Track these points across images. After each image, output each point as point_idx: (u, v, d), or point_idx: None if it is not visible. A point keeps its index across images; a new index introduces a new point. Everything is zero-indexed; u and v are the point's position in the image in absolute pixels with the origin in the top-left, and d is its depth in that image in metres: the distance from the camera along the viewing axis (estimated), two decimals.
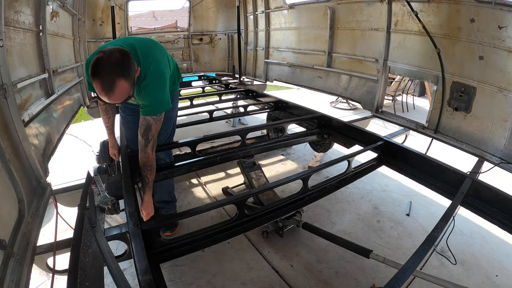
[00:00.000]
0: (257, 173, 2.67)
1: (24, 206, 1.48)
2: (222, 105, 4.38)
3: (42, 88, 2.35)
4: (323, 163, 3.47)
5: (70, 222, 1.64)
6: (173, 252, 1.41)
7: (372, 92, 3.49)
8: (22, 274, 1.21)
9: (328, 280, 2.02)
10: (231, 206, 1.98)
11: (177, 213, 2.49)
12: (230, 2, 5.68)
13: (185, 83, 5.41)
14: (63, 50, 3.17)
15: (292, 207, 1.79)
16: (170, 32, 6.00)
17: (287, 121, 2.81)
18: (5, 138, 1.51)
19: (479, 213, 1.68)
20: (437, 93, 2.76)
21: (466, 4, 2.35)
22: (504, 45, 2.18)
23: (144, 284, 1.00)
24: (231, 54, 6.08)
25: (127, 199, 1.49)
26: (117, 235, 1.30)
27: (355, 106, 6.48)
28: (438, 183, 1.95)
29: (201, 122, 3.36)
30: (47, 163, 2.03)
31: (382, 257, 1.67)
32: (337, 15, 3.78)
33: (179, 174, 2.23)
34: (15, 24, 1.90)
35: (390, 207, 2.86)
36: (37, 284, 1.99)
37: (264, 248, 2.30)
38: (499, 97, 2.29)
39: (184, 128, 3.24)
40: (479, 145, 2.49)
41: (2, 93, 1.52)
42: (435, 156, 2.07)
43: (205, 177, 3.39)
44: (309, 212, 2.71)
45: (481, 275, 2.09)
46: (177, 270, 2.09)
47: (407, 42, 3.02)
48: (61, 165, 3.65)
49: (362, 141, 2.54)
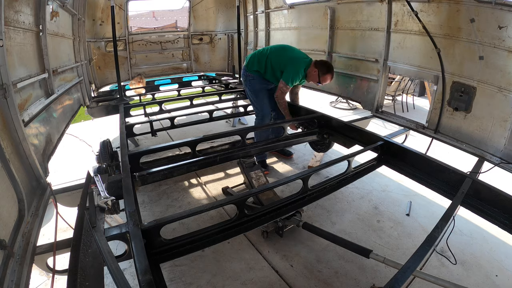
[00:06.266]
0: (257, 173, 2.67)
1: (24, 206, 1.48)
2: (222, 105, 4.38)
3: (42, 88, 2.35)
4: (323, 163, 3.47)
5: (70, 222, 1.64)
6: (173, 252, 1.41)
7: (372, 92, 3.49)
8: (22, 274, 1.21)
9: (328, 280, 2.02)
10: (231, 206, 1.98)
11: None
12: (230, 2, 5.68)
13: (185, 83, 5.42)
14: (63, 50, 3.17)
15: (292, 207, 1.79)
16: (170, 32, 6.00)
17: (287, 121, 2.81)
18: (5, 138, 1.51)
19: (479, 213, 1.69)
20: (437, 93, 2.76)
21: (466, 4, 2.35)
22: (504, 45, 2.18)
23: (144, 284, 1.00)
24: (231, 54, 6.09)
25: (127, 199, 1.48)
26: (117, 235, 1.30)
27: (355, 106, 6.48)
28: (438, 183, 1.95)
29: (201, 122, 3.37)
30: (47, 163, 2.03)
31: (382, 257, 1.67)
32: (337, 15, 3.78)
33: (179, 174, 2.23)
34: (15, 24, 1.90)
35: (390, 207, 2.86)
36: (37, 284, 1.99)
37: (264, 248, 2.30)
38: (499, 97, 2.29)
39: (184, 128, 3.25)
40: (479, 145, 2.49)
41: (2, 93, 1.52)
42: (435, 156, 2.07)
43: (205, 177, 3.39)
44: (309, 212, 2.71)
45: (481, 275, 2.09)
46: (177, 270, 2.09)
47: (407, 42, 3.02)
48: (61, 165, 3.65)
49: (362, 141, 2.54)
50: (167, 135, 4.64)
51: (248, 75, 3.28)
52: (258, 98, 3.29)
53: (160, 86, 5.24)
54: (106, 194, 1.45)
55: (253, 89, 3.28)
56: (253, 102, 3.37)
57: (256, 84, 3.25)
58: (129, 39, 5.35)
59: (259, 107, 3.30)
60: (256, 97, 3.30)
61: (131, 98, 4.31)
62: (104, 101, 3.99)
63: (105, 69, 5.07)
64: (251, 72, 3.25)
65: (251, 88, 3.28)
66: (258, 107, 3.31)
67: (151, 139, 3.97)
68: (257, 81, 3.24)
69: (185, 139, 2.32)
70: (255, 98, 3.31)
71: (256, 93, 3.28)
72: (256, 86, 3.26)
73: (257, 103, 3.31)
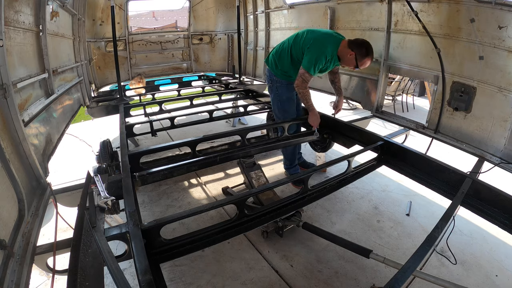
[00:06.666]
0: (257, 173, 2.67)
1: (24, 206, 1.48)
2: (222, 105, 4.38)
3: (42, 88, 2.34)
4: (323, 163, 3.47)
5: (70, 222, 1.64)
6: (173, 252, 1.41)
7: (372, 92, 3.49)
8: (22, 274, 1.21)
9: (328, 280, 2.02)
10: (231, 206, 1.98)
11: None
12: (230, 2, 5.68)
13: (185, 83, 5.42)
14: (63, 50, 3.17)
15: (292, 207, 1.79)
16: (170, 32, 6.00)
17: (287, 121, 2.81)
18: (5, 138, 1.51)
19: (479, 213, 1.69)
20: (437, 93, 2.76)
21: (466, 4, 2.35)
22: (504, 45, 2.18)
23: (144, 284, 1.00)
24: (231, 54, 6.08)
25: (127, 199, 1.48)
26: (117, 235, 1.30)
27: (355, 106, 6.48)
28: (438, 183, 1.95)
29: (201, 122, 3.36)
30: (47, 163, 2.03)
31: (382, 257, 1.67)
32: (337, 15, 3.78)
33: (179, 174, 2.23)
34: (15, 24, 1.90)
35: (390, 207, 2.86)
36: (37, 284, 1.99)
37: (264, 248, 2.30)
38: (499, 97, 2.29)
39: (184, 128, 3.24)
40: (479, 145, 2.49)
41: (2, 93, 1.52)
42: (435, 156, 2.07)
43: (205, 177, 3.38)
44: (309, 212, 2.71)
45: (481, 275, 2.09)
46: (177, 270, 2.09)
47: (407, 42, 3.01)
48: (61, 165, 3.66)
49: (362, 141, 2.54)
50: (167, 135, 4.65)
51: (276, 80, 2.80)
52: (283, 109, 2.86)
53: (160, 86, 5.25)
54: (106, 194, 1.45)
55: (280, 98, 2.83)
56: (276, 110, 2.95)
57: (284, 91, 2.79)
58: (129, 39, 5.35)
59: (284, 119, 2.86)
60: (281, 106, 2.86)
61: (131, 98, 4.30)
62: (104, 101, 3.99)
63: (105, 69, 5.07)
64: (278, 76, 2.77)
65: (279, 97, 2.83)
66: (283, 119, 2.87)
67: (151, 139, 3.97)
68: (285, 88, 2.78)
69: (185, 139, 2.32)
70: (281, 107, 2.88)
71: (283, 103, 2.85)
72: (284, 95, 2.81)
73: (281, 114, 2.90)
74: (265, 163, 3.67)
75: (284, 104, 2.87)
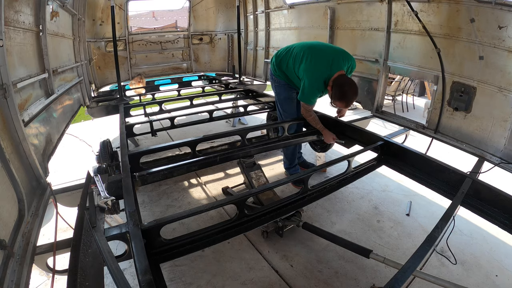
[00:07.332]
0: (257, 173, 2.67)
1: (24, 206, 1.48)
2: (222, 105, 4.38)
3: (42, 88, 2.35)
4: (323, 163, 3.47)
5: (70, 222, 1.64)
6: (173, 252, 1.41)
7: (372, 92, 3.49)
8: (22, 274, 1.21)
9: (328, 280, 2.02)
10: (231, 206, 1.98)
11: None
12: (230, 2, 5.68)
13: (185, 83, 5.43)
14: (63, 50, 3.17)
15: (292, 207, 1.79)
16: (170, 32, 6.00)
17: (287, 121, 2.81)
18: (5, 138, 1.51)
19: (479, 213, 1.69)
20: (437, 93, 2.76)
21: (466, 4, 2.35)
22: (504, 45, 2.18)
23: (144, 284, 1.00)
24: (231, 54, 6.09)
25: (127, 199, 1.48)
26: (117, 235, 1.30)
27: (355, 106, 6.47)
28: (438, 183, 1.95)
29: (201, 122, 3.36)
30: (47, 163, 2.03)
31: (382, 257, 1.67)
32: (337, 15, 3.78)
33: (179, 174, 2.23)
34: (15, 24, 1.90)
35: (390, 207, 2.86)
36: (37, 284, 1.99)
37: (264, 248, 2.30)
38: (499, 97, 2.29)
39: (184, 128, 3.24)
40: (479, 145, 2.49)
41: (2, 93, 1.52)
42: (435, 156, 2.07)
43: (205, 177, 3.38)
44: (309, 212, 2.71)
45: (481, 275, 2.09)
46: (177, 270, 2.09)
47: (407, 42, 3.02)
48: (61, 165, 3.66)
49: (362, 141, 2.54)
50: (167, 135, 4.65)
51: (275, 79, 2.87)
52: (283, 108, 2.94)
53: (160, 86, 5.25)
54: (106, 194, 1.45)
55: (278, 97, 2.93)
56: (278, 110, 3.03)
57: (282, 91, 2.87)
58: (129, 39, 5.35)
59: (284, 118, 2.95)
60: (281, 106, 2.94)
61: (131, 98, 4.31)
62: (104, 101, 3.99)
63: (105, 69, 5.07)
64: (276, 76, 2.83)
65: (278, 95, 2.93)
66: (283, 118, 2.97)
67: (151, 139, 3.97)
68: (283, 88, 2.84)
69: (185, 139, 2.32)
70: (280, 107, 2.97)
71: (282, 102, 2.92)
72: (282, 95, 2.88)
73: (282, 113, 2.97)
74: (265, 163, 3.67)
75: (282, 104, 2.93)
